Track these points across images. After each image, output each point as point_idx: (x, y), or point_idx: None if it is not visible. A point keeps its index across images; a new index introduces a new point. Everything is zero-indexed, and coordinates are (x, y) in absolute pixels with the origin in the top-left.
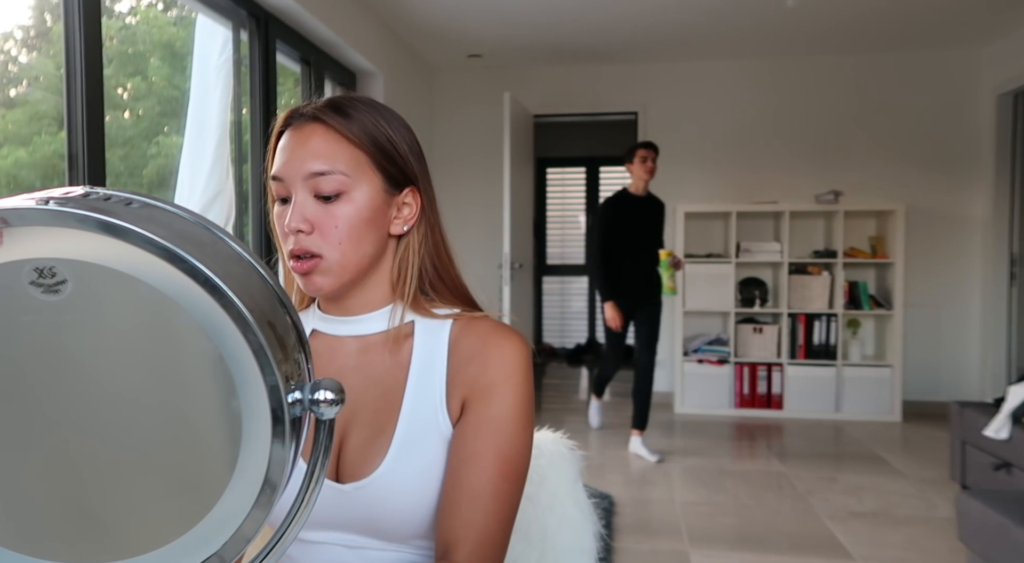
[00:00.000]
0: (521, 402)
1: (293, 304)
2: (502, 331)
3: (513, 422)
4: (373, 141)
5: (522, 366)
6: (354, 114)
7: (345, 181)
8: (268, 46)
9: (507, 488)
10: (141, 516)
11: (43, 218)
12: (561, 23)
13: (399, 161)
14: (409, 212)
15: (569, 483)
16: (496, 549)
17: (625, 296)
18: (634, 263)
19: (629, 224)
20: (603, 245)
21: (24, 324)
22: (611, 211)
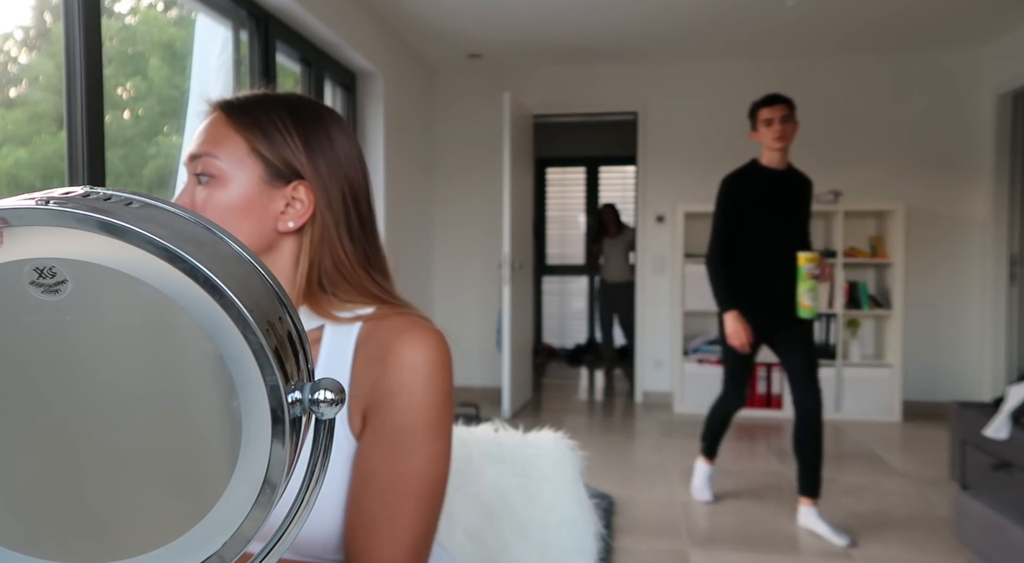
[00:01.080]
0: (425, 409)
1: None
2: (408, 329)
3: (416, 434)
4: (258, 129)
5: (425, 367)
6: (249, 103)
7: (216, 165)
8: (268, 46)
9: (408, 509)
10: (141, 516)
11: (43, 218)
12: (561, 23)
13: (286, 153)
14: (301, 208)
15: (570, 483)
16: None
17: (756, 308)
18: (769, 263)
19: (761, 208)
20: (724, 238)
21: (24, 324)
22: (733, 191)
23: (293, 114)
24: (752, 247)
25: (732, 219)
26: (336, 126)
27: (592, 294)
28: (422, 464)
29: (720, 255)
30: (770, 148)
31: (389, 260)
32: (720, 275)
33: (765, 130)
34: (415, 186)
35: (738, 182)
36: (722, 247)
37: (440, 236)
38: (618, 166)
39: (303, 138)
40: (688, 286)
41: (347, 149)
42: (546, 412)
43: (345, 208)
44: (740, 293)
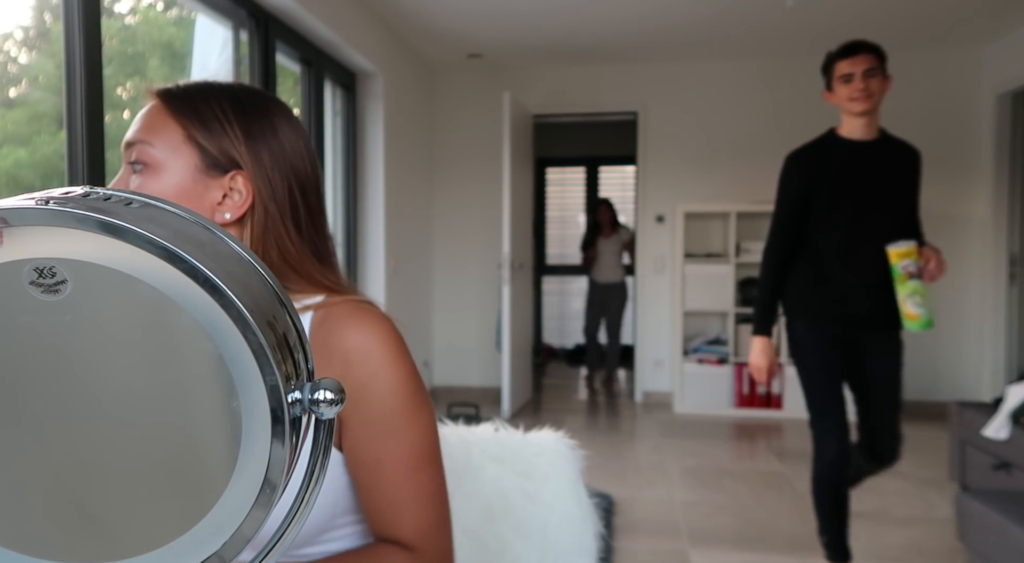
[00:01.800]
0: (401, 387)
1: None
2: (358, 319)
3: (402, 412)
4: (195, 117)
5: (386, 350)
6: (188, 91)
7: (151, 153)
8: (268, 46)
9: (425, 477)
10: (141, 516)
11: (43, 218)
12: (561, 23)
13: (223, 142)
14: (239, 199)
15: (570, 482)
16: (438, 533)
17: (836, 318)
18: (851, 266)
19: (838, 194)
20: (780, 236)
21: (24, 324)
22: (795, 173)
23: (235, 103)
24: (827, 246)
25: (794, 211)
26: (281, 116)
27: None
28: (419, 438)
29: (771, 259)
30: (850, 113)
31: (391, 259)
32: (764, 284)
33: (842, 89)
34: (415, 186)
35: (803, 160)
36: (776, 248)
37: (440, 236)
38: (618, 166)
39: (244, 127)
40: (688, 286)
41: (293, 140)
42: (546, 412)
43: (291, 199)
44: (808, 304)
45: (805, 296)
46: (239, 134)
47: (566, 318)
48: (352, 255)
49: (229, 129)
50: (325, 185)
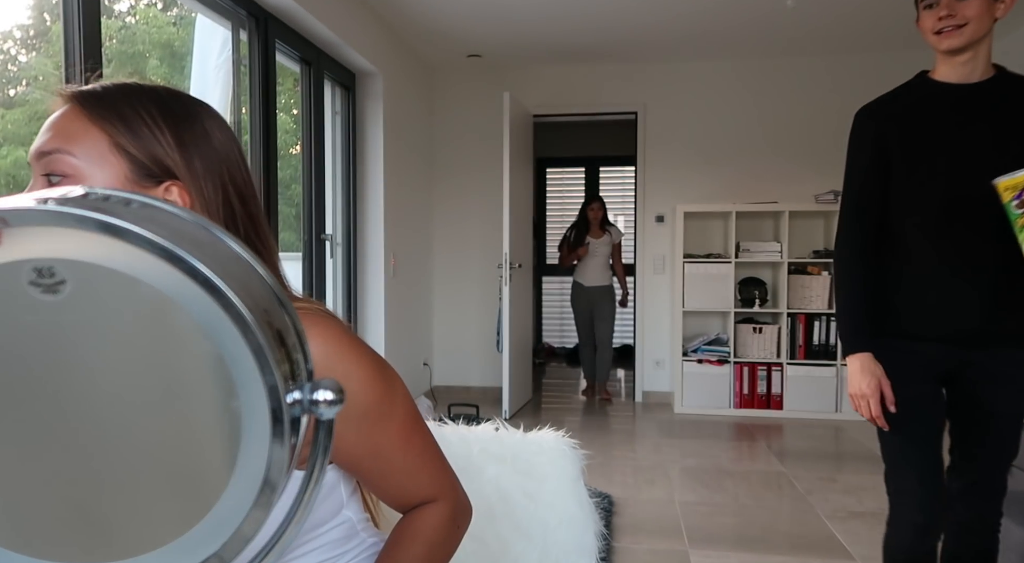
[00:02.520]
0: (371, 385)
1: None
2: (305, 323)
3: (378, 406)
4: (121, 122)
5: (340, 347)
6: (110, 94)
7: (70, 162)
8: (267, 46)
9: (418, 440)
10: (140, 516)
11: (42, 218)
12: (561, 23)
13: (155, 149)
14: None
15: (570, 482)
16: (450, 480)
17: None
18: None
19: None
20: (856, 215)
21: (23, 324)
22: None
23: (162, 107)
24: (914, 231)
25: (868, 180)
26: (211, 120)
27: None
28: (403, 412)
29: (847, 248)
30: (938, 49)
31: (390, 259)
32: (845, 282)
33: (926, 17)
34: (415, 186)
35: (880, 112)
36: (852, 233)
37: (440, 236)
38: (618, 166)
39: (175, 133)
40: (688, 286)
41: (225, 144)
42: (546, 412)
43: (227, 208)
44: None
45: (882, 305)
46: (171, 141)
47: (566, 318)
48: (352, 255)
49: (160, 135)
50: (325, 184)
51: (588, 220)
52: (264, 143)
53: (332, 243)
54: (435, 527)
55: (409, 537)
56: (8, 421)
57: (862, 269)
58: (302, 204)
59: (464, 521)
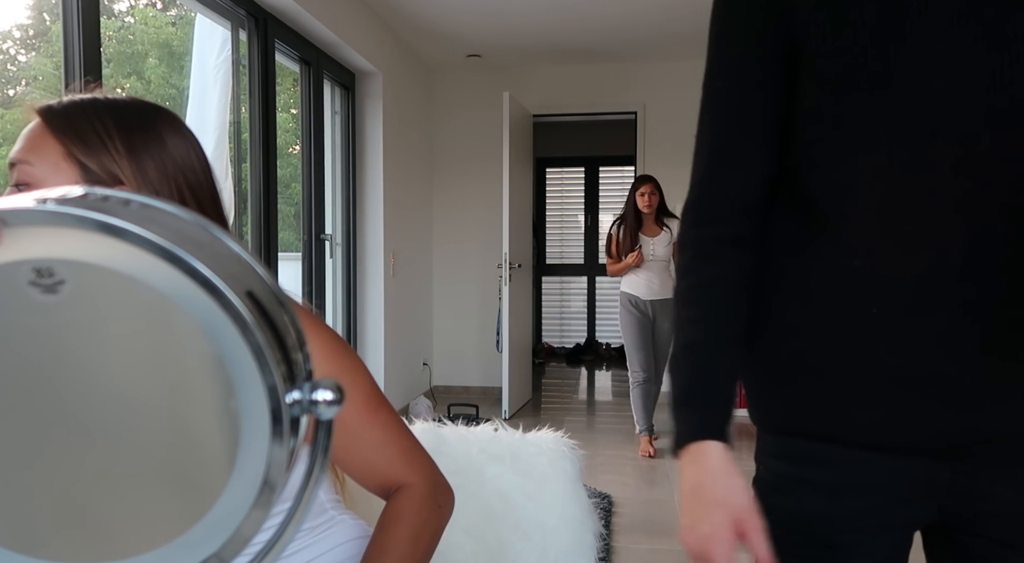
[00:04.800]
0: (331, 354)
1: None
2: None
3: (336, 375)
4: (74, 133)
5: (305, 325)
6: (68, 108)
7: (30, 171)
8: (267, 46)
9: (384, 416)
10: (139, 516)
11: (42, 218)
12: (561, 23)
13: (103, 158)
14: None
15: (570, 482)
16: (420, 454)
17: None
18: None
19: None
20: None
21: (22, 324)
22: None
23: (117, 117)
24: (858, 208)
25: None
26: (168, 127)
27: (592, 293)
28: (364, 387)
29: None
30: None
31: (390, 259)
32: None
33: None
34: (414, 186)
35: None
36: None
37: (439, 236)
38: (617, 166)
39: (126, 142)
40: None
41: (182, 150)
42: (546, 412)
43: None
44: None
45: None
46: (120, 149)
47: (565, 318)
48: (351, 255)
49: (110, 144)
50: (324, 184)
51: (639, 211)
52: (264, 143)
53: (332, 243)
54: (415, 508)
55: (391, 522)
56: (7, 421)
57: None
58: (301, 204)
59: (445, 501)
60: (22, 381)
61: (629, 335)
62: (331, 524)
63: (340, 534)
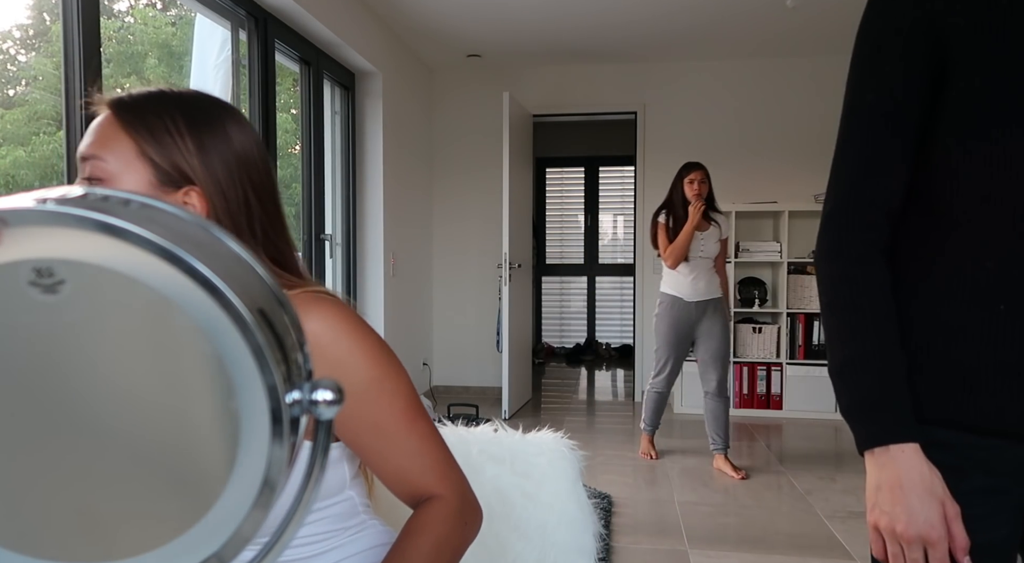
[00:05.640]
0: (371, 363)
1: (290, 304)
2: (316, 306)
3: (379, 384)
4: (147, 131)
5: (348, 327)
6: (139, 102)
7: (103, 167)
8: (267, 46)
9: (422, 427)
10: (139, 516)
11: (42, 218)
12: (561, 23)
13: (176, 157)
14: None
15: (570, 483)
16: (454, 470)
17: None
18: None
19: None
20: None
21: (23, 324)
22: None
23: (186, 114)
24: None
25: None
26: (234, 124)
27: (592, 293)
28: (405, 395)
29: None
30: None
31: (390, 259)
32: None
33: None
34: (414, 186)
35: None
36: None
37: (439, 236)
38: (617, 166)
39: (196, 140)
40: None
41: (247, 147)
42: (546, 412)
43: (247, 209)
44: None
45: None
46: (191, 148)
47: (565, 318)
48: (351, 255)
49: (181, 143)
50: (324, 184)
51: (687, 200)
52: (264, 144)
53: (331, 243)
54: (441, 520)
55: (416, 531)
56: (7, 421)
57: (889, 277)
58: (301, 204)
59: (472, 519)
60: (22, 381)
61: (665, 341)
62: (363, 527)
63: (370, 538)
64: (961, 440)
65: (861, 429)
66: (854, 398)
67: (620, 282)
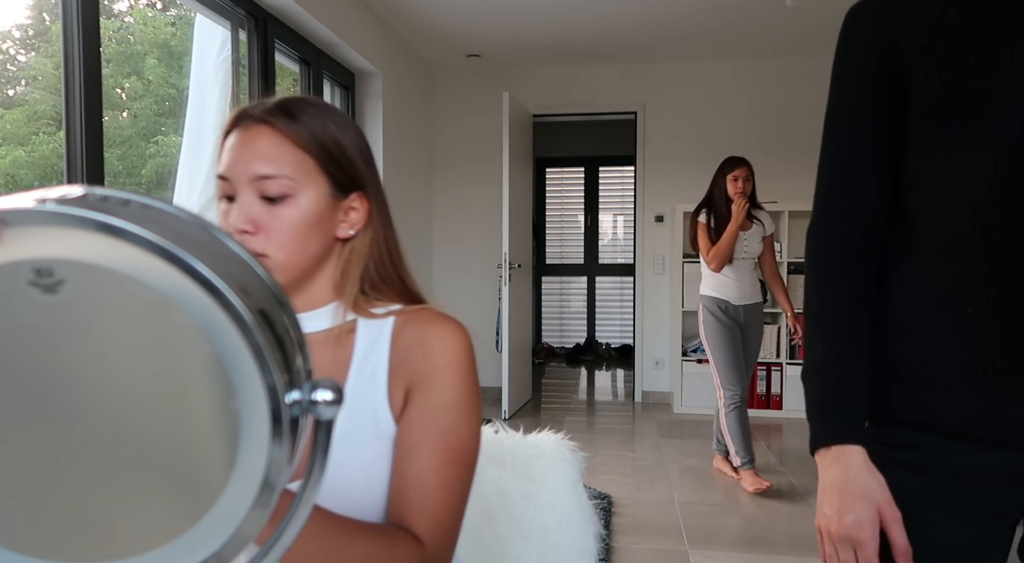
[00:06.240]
0: (463, 389)
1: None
2: (442, 320)
3: (456, 410)
4: (320, 145)
5: (463, 353)
6: (302, 117)
7: (291, 185)
8: (267, 46)
9: (454, 475)
10: (139, 516)
11: (42, 218)
12: (561, 23)
13: (346, 166)
14: (356, 217)
15: (570, 484)
16: (448, 533)
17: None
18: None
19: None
20: (843, 187)
21: (22, 324)
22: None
23: (345, 124)
24: (956, 211)
25: (867, 123)
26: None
27: (592, 293)
28: (464, 436)
29: (830, 234)
30: None
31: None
32: (829, 296)
33: None
34: (414, 186)
35: (892, 7)
36: (836, 210)
37: (439, 236)
38: (617, 166)
39: (360, 149)
40: (687, 286)
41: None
42: (546, 412)
43: (388, 212)
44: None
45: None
46: (358, 156)
47: (565, 318)
48: None
49: (351, 152)
50: None
51: (728, 198)
52: None
53: None
54: (397, 552)
55: (386, 531)
56: (7, 421)
57: (860, 286)
58: None
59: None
60: (22, 381)
61: (719, 347)
62: None
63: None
64: (931, 442)
65: (812, 430)
66: (810, 400)
67: (620, 282)
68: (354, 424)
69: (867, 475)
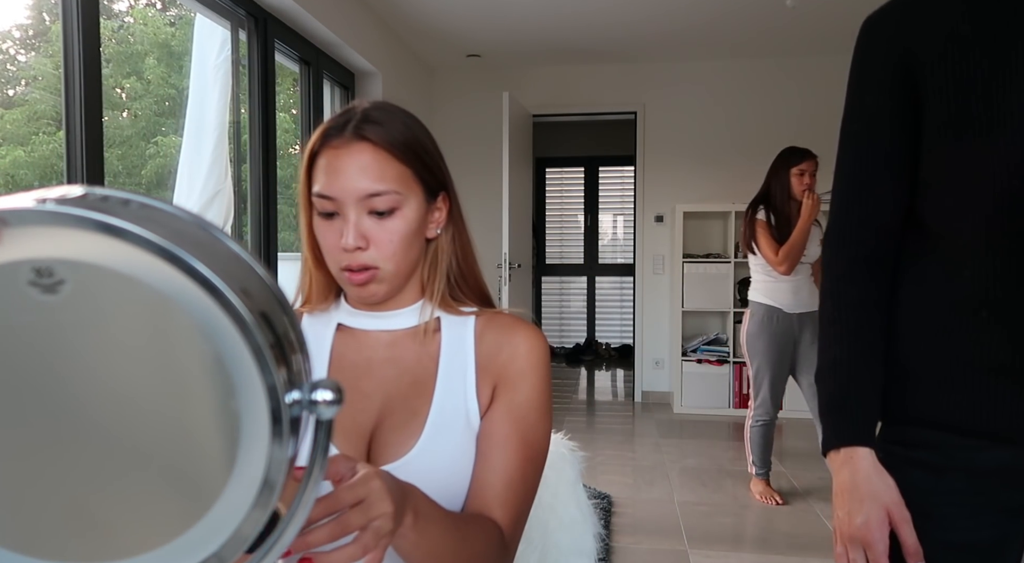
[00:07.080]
0: (545, 392)
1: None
2: (526, 324)
3: (536, 410)
4: (414, 153)
5: (546, 358)
6: (394, 129)
7: (398, 198)
8: (267, 46)
9: (531, 471)
10: (139, 516)
11: (42, 218)
12: (561, 23)
13: (435, 169)
14: (440, 216)
15: (570, 484)
16: (522, 525)
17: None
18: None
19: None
20: (858, 198)
21: (23, 324)
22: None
23: (420, 125)
24: (969, 222)
25: (883, 134)
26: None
27: (592, 293)
28: (542, 436)
29: (844, 244)
30: None
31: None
32: (843, 305)
33: None
34: None
35: (909, 19)
36: (851, 220)
37: None
38: (617, 166)
39: (439, 154)
40: (687, 286)
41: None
42: None
43: (461, 209)
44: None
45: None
46: (440, 161)
47: (565, 318)
48: None
49: (438, 159)
50: None
51: (791, 194)
52: (263, 143)
53: None
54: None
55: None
56: (7, 421)
57: (874, 291)
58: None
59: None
60: (22, 381)
61: (764, 359)
62: None
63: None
64: (944, 440)
65: (823, 432)
66: (822, 403)
67: (620, 282)
68: (448, 416)
69: (875, 477)
